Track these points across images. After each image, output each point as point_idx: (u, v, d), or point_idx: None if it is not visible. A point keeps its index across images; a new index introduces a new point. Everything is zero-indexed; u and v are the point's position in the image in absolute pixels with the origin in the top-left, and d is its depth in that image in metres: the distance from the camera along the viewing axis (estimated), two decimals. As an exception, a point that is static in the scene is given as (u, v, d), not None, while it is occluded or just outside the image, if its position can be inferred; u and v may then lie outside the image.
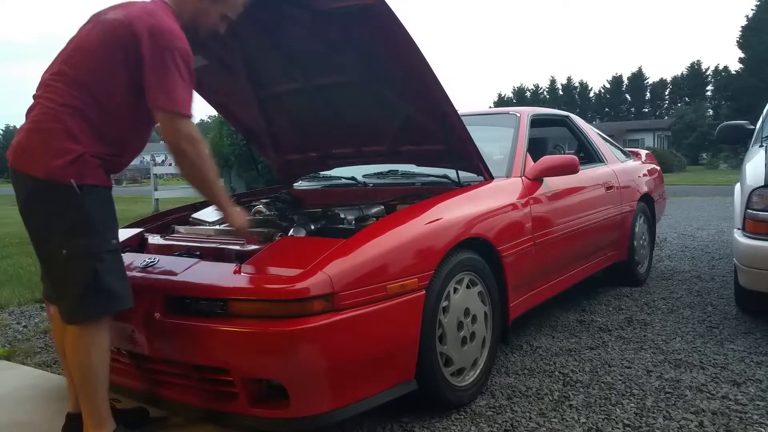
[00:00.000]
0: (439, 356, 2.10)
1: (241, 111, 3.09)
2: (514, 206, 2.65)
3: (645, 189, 4.19)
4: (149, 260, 2.09)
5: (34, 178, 1.72)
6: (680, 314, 3.35)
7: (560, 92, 60.52)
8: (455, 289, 2.20)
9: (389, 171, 3.16)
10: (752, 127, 4.01)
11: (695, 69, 53.57)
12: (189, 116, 1.80)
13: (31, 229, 1.80)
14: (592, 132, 4.10)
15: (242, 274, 1.90)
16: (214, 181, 1.88)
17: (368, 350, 1.87)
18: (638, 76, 58.05)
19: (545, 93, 60.93)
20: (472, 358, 2.28)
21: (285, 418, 1.80)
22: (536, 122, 3.39)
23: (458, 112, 2.44)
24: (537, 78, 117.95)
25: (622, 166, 4.06)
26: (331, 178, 3.43)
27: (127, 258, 2.07)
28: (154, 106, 1.77)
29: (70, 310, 1.75)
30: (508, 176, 2.83)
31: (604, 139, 4.24)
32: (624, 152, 4.47)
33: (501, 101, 61.84)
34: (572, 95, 60.53)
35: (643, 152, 4.94)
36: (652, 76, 77.11)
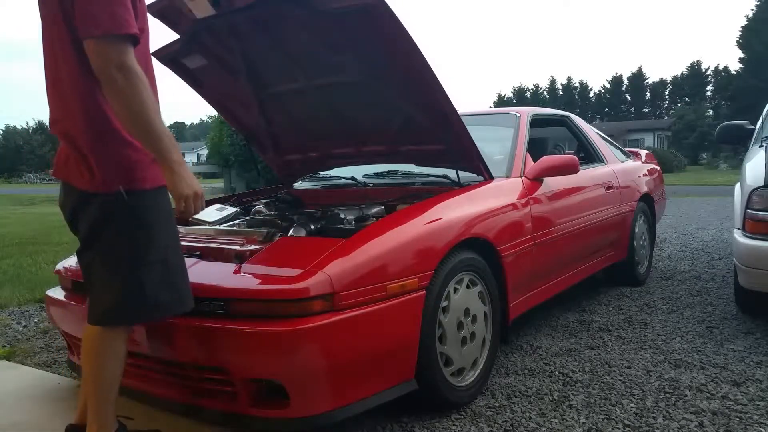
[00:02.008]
0: (439, 356, 2.10)
1: (241, 111, 3.09)
2: (514, 206, 2.65)
3: (645, 189, 4.19)
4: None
5: (79, 190, 1.64)
6: (680, 314, 3.35)
7: (560, 92, 60.57)
8: (455, 289, 2.20)
9: (389, 171, 3.16)
10: (752, 127, 4.01)
11: (695, 69, 53.61)
12: (121, 35, 1.49)
13: (79, 235, 1.73)
14: (592, 132, 4.10)
15: (242, 274, 1.90)
16: (153, 125, 1.52)
17: (368, 350, 1.86)
18: (638, 76, 58.11)
19: (545, 93, 60.96)
20: (472, 358, 2.28)
21: (285, 418, 1.80)
22: (536, 122, 3.39)
23: (458, 112, 2.44)
24: (537, 78, 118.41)
25: (622, 166, 4.06)
26: (331, 178, 3.43)
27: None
28: (81, 38, 1.51)
29: (107, 313, 1.66)
30: (508, 176, 2.83)
31: (604, 139, 4.24)
32: (624, 152, 4.47)
33: (501, 101, 61.88)
34: (572, 95, 60.58)
35: (643, 152, 4.94)
36: (652, 76, 77.45)
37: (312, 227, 2.31)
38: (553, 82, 61.70)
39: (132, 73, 1.49)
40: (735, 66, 44.75)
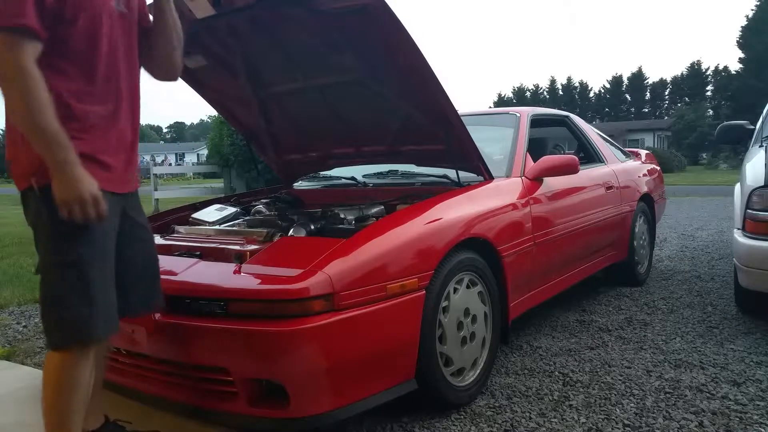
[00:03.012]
0: (439, 356, 2.10)
1: (241, 111, 3.09)
2: (514, 206, 2.65)
3: (645, 189, 4.19)
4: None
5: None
6: (680, 314, 3.35)
7: (560, 92, 60.49)
8: (455, 289, 2.20)
9: (389, 171, 3.16)
10: (752, 127, 4.01)
11: (695, 69, 53.52)
12: (7, 27, 1.38)
13: None
14: (592, 132, 4.11)
15: (242, 274, 1.90)
16: (34, 123, 1.39)
17: (368, 350, 1.86)
18: (638, 76, 58.03)
19: (545, 93, 60.92)
20: (472, 358, 2.28)
21: (285, 418, 1.80)
22: (536, 122, 3.39)
23: (458, 112, 2.44)
24: (537, 78, 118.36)
25: (622, 166, 4.06)
26: (331, 178, 3.43)
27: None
28: None
29: (45, 335, 1.54)
30: (508, 176, 2.83)
31: (604, 139, 4.24)
32: (624, 152, 4.47)
33: (501, 101, 61.82)
34: (572, 95, 60.51)
35: (643, 152, 4.94)
36: (652, 76, 77.39)
37: (312, 227, 2.32)
38: (553, 82, 61.62)
39: (13, 68, 1.38)
40: (735, 66, 44.76)
